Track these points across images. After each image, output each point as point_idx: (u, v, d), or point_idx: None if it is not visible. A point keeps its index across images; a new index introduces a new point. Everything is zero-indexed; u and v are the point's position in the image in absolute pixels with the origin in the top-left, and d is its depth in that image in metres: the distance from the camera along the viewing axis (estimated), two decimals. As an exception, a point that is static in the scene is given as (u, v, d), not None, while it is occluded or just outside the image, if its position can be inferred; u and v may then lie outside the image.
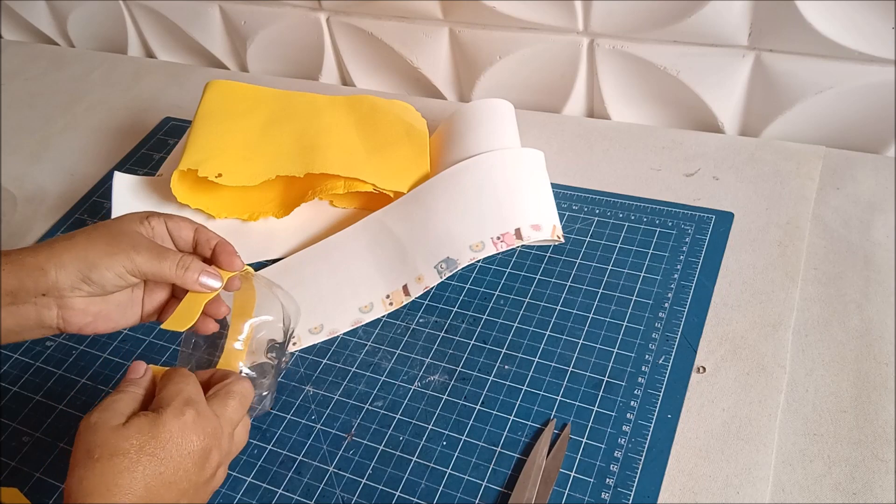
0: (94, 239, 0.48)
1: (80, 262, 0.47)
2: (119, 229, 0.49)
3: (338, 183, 0.67)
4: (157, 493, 0.40)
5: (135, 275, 0.48)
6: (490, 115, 0.69)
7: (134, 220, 0.50)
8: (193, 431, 0.43)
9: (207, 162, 0.67)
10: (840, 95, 0.67)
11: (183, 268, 0.49)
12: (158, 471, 0.41)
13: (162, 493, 0.41)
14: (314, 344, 0.61)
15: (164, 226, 0.51)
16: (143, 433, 0.41)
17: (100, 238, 0.48)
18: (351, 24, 0.84)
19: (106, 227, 0.50)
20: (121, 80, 0.96)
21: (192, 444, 0.42)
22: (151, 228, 0.50)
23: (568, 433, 0.52)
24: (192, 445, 0.42)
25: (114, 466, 0.40)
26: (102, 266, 0.47)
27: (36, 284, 0.46)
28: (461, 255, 0.60)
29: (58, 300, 0.47)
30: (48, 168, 0.84)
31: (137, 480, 0.40)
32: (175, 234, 0.51)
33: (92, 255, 0.47)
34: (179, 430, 0.42)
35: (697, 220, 0.65)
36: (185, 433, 0.42)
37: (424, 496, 0.51)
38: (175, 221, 0.52)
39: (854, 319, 0.56)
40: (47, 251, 0.47)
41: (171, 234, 0.51)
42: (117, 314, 0.51)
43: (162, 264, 0.48)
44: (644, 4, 0.69)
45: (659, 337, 0.57)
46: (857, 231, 0.62)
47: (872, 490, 0.48)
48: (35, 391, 0.62)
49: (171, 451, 0.41)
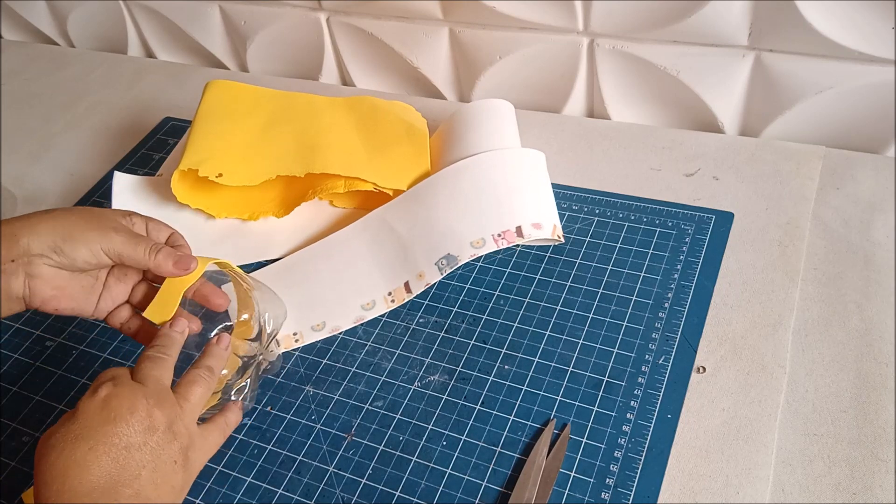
0: (74, 214, 0.50)
1: (56, 232, 0.48)
2: (101, 213, 0.51)
3: (338, 182, 0.67)
4: (119, 481, 0.41)
5: (109, 255, 0.50)
6: (490, 116, 0.69)
7: (116, 212, 0.53)
8: (144, 410, 0.43)
9: (208, 162, 0.67)
10: (840, 95, 0.67)
11: (155, 251, 0.51)
12: (117, 455, 0.42)
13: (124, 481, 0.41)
14: (314, 344, 0.61)
15: (144, 224, 0.53)
16: (101, 419, 0.43)
17: (81, 215, 0.50)
18: (351, 24, 0.84)
19: (89, 209, 0.51)
20: (121, 80, 0.96)
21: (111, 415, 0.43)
22: (132, 223, 0.53)
23: (568, 433, 0.52)
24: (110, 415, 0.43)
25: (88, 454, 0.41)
26: (79, 240, 0.48)
27: (7, 251, 0.47)
28: (462, 252, 0.60)
29: (25, 266, 0.48)
30: (48, 168, 0.84)
31: (102, 466, 0.41)
32: (153, 234, 0.53)
33: (70, 228, 0.49)
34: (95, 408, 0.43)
35: (697, 220, 0.65)
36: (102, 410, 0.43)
37: (424, 496, 0.51)
38: (154, 222, 0.54)
39: (854, 319, 0.56)
40: (23, 220, 0.49)
41: (150, 232, 0.53)
42: (80, 296, 0.51)
43: (137, 247, 0.50)
44: (644, 4, 0.69)
45: (659, 337, 0.57)
46: (857, 231, 0.62)
47: (872, 490, 0.48)
48: (35, 391, 0.62)
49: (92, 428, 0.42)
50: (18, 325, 0.67)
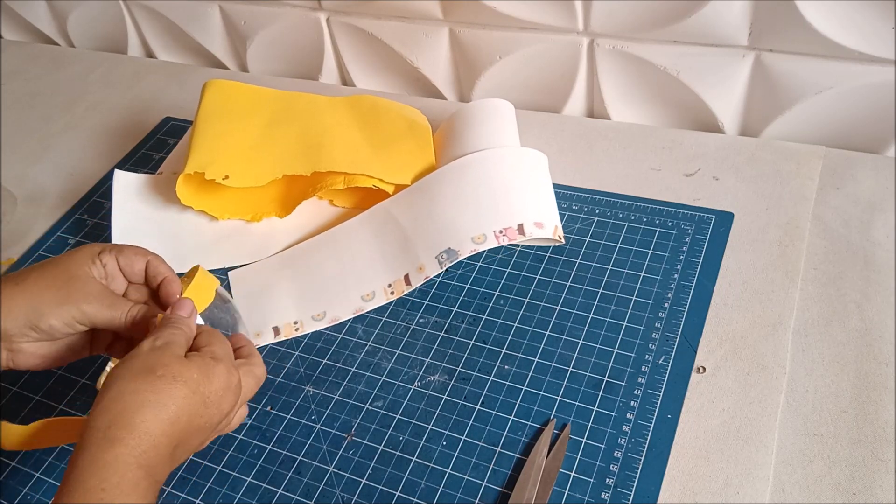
0: (43, 286, 0.48)
1: (28, 311, 0.47)
2: (70, 273, 0.49)
3: (337, 179, 0.67)
4: (187, 432, 0.42)
5: (84, 324, 0.49)
6: (490, 115, 0.69)
7: (86, 260, 0.50)
8: (233, 393, 0.45)
9: (214, 164, 0.67)
10: (840, 95, 0.67)
11: (132, 318, 0.49)
12: (199, 412, 0.43)
13: (191, 433, 0.43)
14: (314, 344, 0.61)
15: (115, 262, 0.51)
16: (201, 373, 0.43)
17: (50, 285, 0.48)
18: (351, 24, 0.84)
19: (57, 270, 0.49)
20: (121, 80, 0.96)
21: (226, 403, 0.44)
22: (103, 266, 0.51)
23: (568, 433, 0.52)
24: (225, 405, 0.44)
25: (174, 390, 0.42)
26: (51, 316, 0.48)
27: None
28: (462, 247, 0.61)
29: (7, 343, 0.48)
30: (48, 168, 0.84)
31: (184, 412, 0.42)
32: (127, 269, 0.52)
33: (40, 305, 0.48)
34: (225, 386, 0.44)
35: (697, 220, 0.65)
36: (227, 391, 0.44)
37: (424, 496, 0.51)
38: (126, 256, 0.52)
39: (854, 319, 0.56)
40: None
41: (123, 270, 0.52)
42: (68, 354, 0.51)
43: (113, 314, 0.49)
44: (644, 4, 0.69)
45: (659, 337, 0.57)
46: (857, 231, 0.62)
47: (872, 490, 0.48)
48: (35, 391, 0.62)
49: (214, 401, 0.43)
50: (18, 325, 0.67)
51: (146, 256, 0.52)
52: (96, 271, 0.50)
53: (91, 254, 0.51)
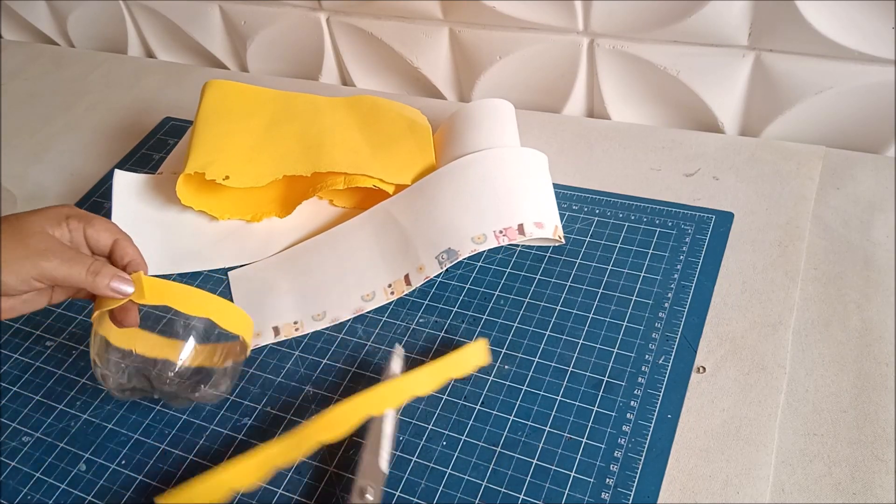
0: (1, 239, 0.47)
1: None
2: (30, 230, 0.49)
3: (338, 179, 0.67)
4: None
5: (41, 281, 0.48)
6: (490, 115, 0.69)
7: (50, 221, 0.50)
8: None
9: (214, 164, 0.67)
10: (840, 95, 0.67)
11: (93, 273, 0.48)
12: None
13: None
14: (314, 344, 0.61)
15: (81, 232, 0.50)
16: None
17: (8, 239, 0.47)
18: (351, 24, 0.84)
19: (18, 226, 0.49)
20: (121, 80, 0.96)
21: None
22: (69, 231, 0.50)
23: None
24: None
25: None
26: (7, 270, 0.47)
27: None
28: (462, 247, 0.61)
29: None
30: (48, 168, 0.84)
31: None
32: (92, 240, 0.51)
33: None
34: None
35: (697, 220, 0.65)
36: None
37: (424, 496, 0.51)
38: (95, 228, 0.51)
39: (854, 319, 0.56)
40: None
41: (89, 240, 0.51)
42: (22, 307, 0.50)
43: (72, 269, 0.48)
44: (644, 4, 0.69)
45: (659, 337, 0.57)
46: (857, 231, 0.62)
47: (872, 490, 0.48)
48: (35, 391, 0.62)
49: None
50: (18, 325, 0.67)
51: (116, 234, 0.51)
52: (60, 233, 0.49)
53: (59, 216, 0.50)
